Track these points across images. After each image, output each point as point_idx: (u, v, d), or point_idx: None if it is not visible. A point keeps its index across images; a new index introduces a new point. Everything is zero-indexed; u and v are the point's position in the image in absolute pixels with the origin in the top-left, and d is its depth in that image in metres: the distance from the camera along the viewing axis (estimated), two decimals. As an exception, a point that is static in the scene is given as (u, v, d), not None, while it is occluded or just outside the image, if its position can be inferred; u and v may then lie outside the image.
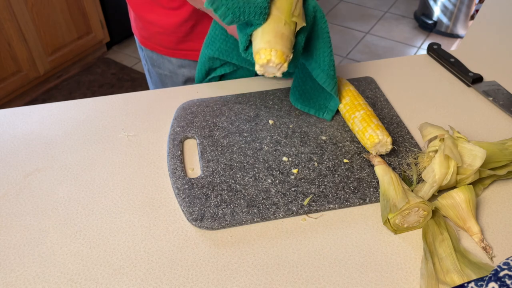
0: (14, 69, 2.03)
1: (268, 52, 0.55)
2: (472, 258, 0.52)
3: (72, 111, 0.74)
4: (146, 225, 0.56)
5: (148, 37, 0.89)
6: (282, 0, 0.59)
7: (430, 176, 0.56)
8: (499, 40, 0.93)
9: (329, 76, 0.66)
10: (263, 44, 0.56)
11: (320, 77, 0.66)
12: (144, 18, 0.86)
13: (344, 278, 0.51)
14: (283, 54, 0.56)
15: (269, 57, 0.55)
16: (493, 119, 0.73)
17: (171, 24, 0.83)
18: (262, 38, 0.56)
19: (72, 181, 0.62)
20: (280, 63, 0.56)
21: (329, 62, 0.65)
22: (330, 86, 0.66)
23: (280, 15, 0.57)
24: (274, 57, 0.55)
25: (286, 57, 0.56)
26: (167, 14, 0.82)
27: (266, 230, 0.56)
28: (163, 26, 0.84)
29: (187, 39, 0.85)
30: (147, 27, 0.87)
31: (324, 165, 0.63)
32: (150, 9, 0.84)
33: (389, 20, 2.86)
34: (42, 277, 0.51)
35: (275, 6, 0.58)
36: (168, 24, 0.83)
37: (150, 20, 0.85)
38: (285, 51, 0.56)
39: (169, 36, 0.85)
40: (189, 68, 0.90)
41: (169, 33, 0.85)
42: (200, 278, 0.51)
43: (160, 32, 0.85)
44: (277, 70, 0.57)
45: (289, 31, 0.58)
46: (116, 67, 2.42)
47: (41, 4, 2.02)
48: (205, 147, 0.65)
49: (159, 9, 0.82)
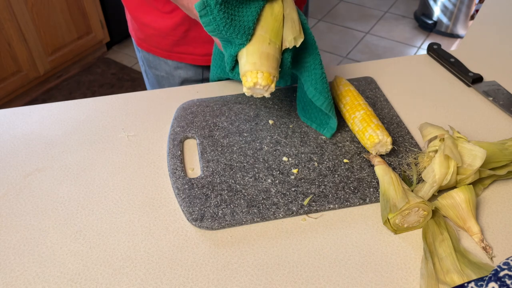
0: (14, 69, 2.03)
1: (255, 74, 0.55)
2: (472, 258, 0.52)
3: (72, 111, 0.74)
4: (146, 225, 0.56)
5: (144, 38, 0.89)
6: (267, 18, 0.58)
7: (430, 176, 0.56)
8: (499, 40, 0.93)
9: (317, 90, 0.63)
10: (249, 66, 0.56)
11: (310, 92, 0.64)
12: (140, 20, 0.86)
13: (344, 278, 0.51)
14: (270, 75, 0.56)
15: (255, 79, 0.55)
16: (493, 119, 0.73)
17: (165, 27, 0.83)
18: (248, 59, 0.56)
19: (72, 181, 0.62)
20: (267, 85, 0.56)
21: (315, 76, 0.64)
22: (319, 101, 0.64)
23: (264, 34, 0.57)
24: (260, 80, 0.55)
25: (273, 77, 0.56)
26: (162, 17, 0.82)
27: (266, 230, 0.56)
28: (158, 28, 0.84)
29: (182, 42, 0.85)
30: (143, 29, 0.87)
31: (324, 165, 0.63)
32: (146, 12, 0.84)
33: (389, 20, 2.86)
34: (42, 277, 0.51)
35: (259, 25, 0.58)
36: (162, 27, 0.83)
37: (146, 22, 0.85)
38: (271, 72, 0.56)
39: (164, 39, 0.85)
40: (185, 69, 0.91)
41: (164, 35, 0.85)
42: (200, 278, 0.51)
43: (155, 34, 0.86)
44: (265, 91, 0.57)
45: (274, 50, 0.57)
46: (116, 67, 2.42)
47: (41, 4, 2.02)
48: (205, 147, 0.65)
49: (154, 11, 0.82)
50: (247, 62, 0.56)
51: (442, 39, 2.66)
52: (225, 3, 0.55)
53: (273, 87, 0.57)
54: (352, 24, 2.82)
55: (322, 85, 0.63)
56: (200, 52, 0.87)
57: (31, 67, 2.09)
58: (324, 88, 0.64)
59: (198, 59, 0.88)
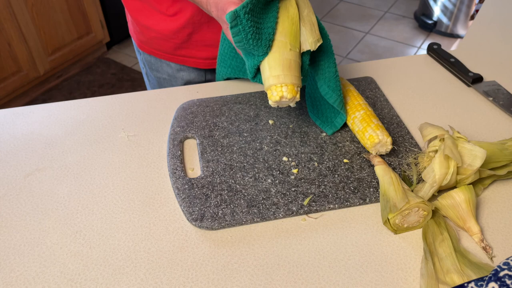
0: (14, 69, 2.03)
1: (280, 89, 0.56)
2: (472, 258, 0.52)
3: (72, 111, 0.74)
4: (146, 225, 0.56)
5: (145, 41, 0.88)
6: (284, 22, 0.58)
7: (430, 176, 0.56)
8: (499, 40, 0.93)
9: (331, 88, 0.65)
10: (272, 80, 0.56)
11: (323, 89, 0.65)
12: (141, 22, 0.85)
13: (344, 278, 0.51)
14: (294, 87, 0.56)
15: (281, 93, 0.56)
16: (493, 119, 0.73)
17: (168, 30, 0.83)
18: (271, 73, 0.56)
19: (72, 181, 0.62)
20: (292, 97, 0.56)
21: (329, 74, 0.65)
22: (332, 99, 0.65)
23: (284, 40, 0.57)
24: (286, 93, 0.56)
25: (297, 88, 0.57)
26: (165, 20, 0.82)
27: (266, 230, 0.56)
28: (161, 31, 0.84)
29: (184, 45, 0.85)
30: (145, 31, 0.86)
31: (324, 165, 0.63)
32: (148, 15, 0.83)
33: (389, 20, 2.86)
34: (42, 277, 0.51)
35: (278, 31, 0.57)
36: (165, 30, 0.83)
37: (148, 25, 0.84)
38: (295, 83, 0.56)
39: (166, 42, 0.85)
40: (188, 72, 0.90)
41: (167, 38, 0.84)
42: (200, 278, 0.51)
43: (157, 37, 0.85)
44: (291, 102, 0.58)
45: (295, 56, 0.57)
46: (116, 67, 2.42)
47: (41, 4, 2.02)
48: (205, 147, 0.65)
49: (157, 14, 0.82)
50: (270, 75, 0.56)
51: (442, 39, 2.66)
52: (252, 12, 0.54)
53: (298, 97, 0.57)
54: (352, 24, 2.82)
55: (335, 83, 0.65)
56: (203, 56, 0.86)
57: (31, 67, 2.09)
58: (337, 86, 0.65)
59: (200, 63, 0.88)
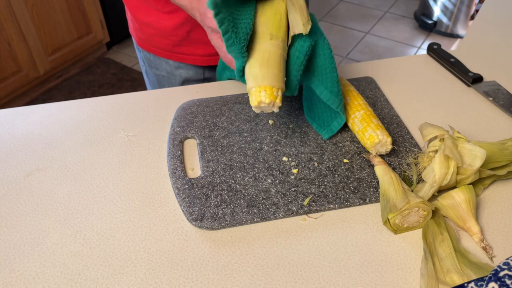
0: (14, 69, 2.03)
1: (258, 93, 0.54)
2: (472, 258, 0.52)
3: (72, 111, 0.74)
4: (146, 225, 0.56)
5: (145, 38, 0.89)
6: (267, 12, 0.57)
7: (430, 176, 0.56)
8: (499, 40, 0.93)
9: (333, 93, 0.63)
10: (250, 82, 0.54)
11: (324, 95, 0.63)
12: (140, 20, 0.86)
13: (344, 278, 0.51)
14: (273, 90, 0.54)
15: (258, 98, 0.54)
16: (493, 119, 0.73)
17: (166, 27, 0.83)
18: (250, 71, 0.55)
19: (72, 181, 0.62)
20: (271, 102, 0.54)
21: (332, 79, 0.63)
22: (335, 104, 0.63)
23: (265, 30, 0.56)
24: (264, 98, 0.54)
25: (277, 91, 0.54)
26: (163, 17, 0.82)
27: (266, 230, 0.56)
28: (159, 28, 0.84)
29: (183, 43, 0.85)
30: (144, 28, 0.87)
31: (324, 165, 0.63)
32: (146, 12, 0.84)
33: (389, 20, 2.86)
34: (42, 277, 0.51)
35: (259, 22, 0.57)
36: (163, 27, 0.83)
37: (147, 22, 0.85)
38: (274, 85, 0.54)
39: (165, 39, 0.85)
40: (186, 69, 0.90)
41: (165, 35, 0.85)
42: (200, 278, 0.51)
43: (156, 34, 0.85)
44: (272, 107, 0.55)
45: (276, 47, 0.56)
46: (116, 67, 2.42)
47: (41, 4, 2.02)
48: (205, 147, 0.65)
49: (155, 12, 0.82)
50: (249, 74, 0.55)
51: (442, 39, 2.66)
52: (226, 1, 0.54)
53: (278, 102, 0.55)
54: (352, 24, 2.82)
55: (337, 87, 0.63)
56: (201, 53, 0.87)
57: (31, 67, 2.09)
58: (339, 90, 0.64)
59: (198, 60, 0.88)
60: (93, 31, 2.33)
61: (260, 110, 0.57)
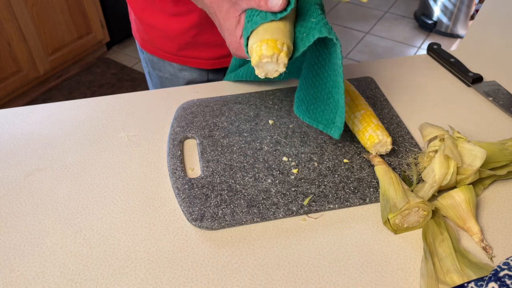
0: (14, 69, 2.03)
1: (258, 47, 0.46)
2: (472, 258, 0.52)
3: (72, 111, 0.74)
4: (146, 225, 0.56)
5: (148, 40, 0.88)
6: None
7: (430, 176, 0.56)
8: (499, 40, 0.93)
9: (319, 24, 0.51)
10: (253, 40, 0.48)
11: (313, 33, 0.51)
12: (145, 21, 0.85)
13: (344, 278, 0.51)
14: (276, 43, 0.46)
15: (259, 52, 0.46)
16: (493, 119, 0.73)
17: (174, 30, 0.82)
18: (253, 37, 0.49)
19: (72, 181, 0.62)
20: (274, 54, 0.46)
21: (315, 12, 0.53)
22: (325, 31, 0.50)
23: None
24: (265, 50, 0.46)
25: (281, 45, 0.47)
26: (171, 20, 0.81)
27: (266, 230, 0.56)
28: (165, 31, 0.83)
29: (189, 46, 0.84)
30: (148, 31, 0.86)
31: (324, 165, 0.63)
32: (152, 14, 0.83)
33: (389, 20, 2.86)
34: (42, 277, 0.51)
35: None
36: (169, 30, 0.83)
37: (152, 24, 0.84)
38: (279, 38, 0.47)
39: (170, 41, 0.85)
40: (190, 71, 0.90)
41: (170, 38, 0.84)
42: (200, 278, 0.51)
43: (162, 36, 0.85)
44: (276, 63, 0.47)
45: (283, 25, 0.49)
46: (116, 67, 2.42)
47: (41, 4, 2.02)
48: (205, 147, 0.65)
49: (162, 14, 0.82)
50: (252, 37, 0.48)
51: (442, 39, 2.66)
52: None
53: (283, 56, 0.47)
54: (352, 24, 2.82)
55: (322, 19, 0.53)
56: (205, 56, 0.86)
57: (31, 67, 2.09)
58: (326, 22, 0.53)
59: (203, 63, 0.88)
60: (93, 31, 2.33)
61: (263, 72, 0.49)
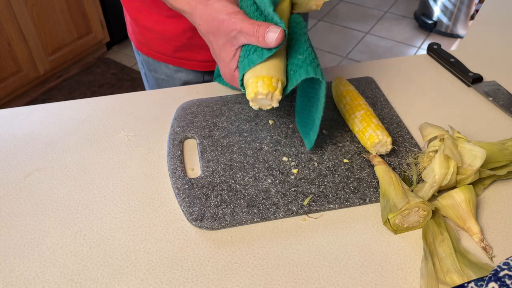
0: (14, 69, 2.03)
1: (254, 83, 0.49)
2: (472, 258, 0.52)
3: (72, 111, 0.74)
4: (146, 225, 0.56)
5: (144, 42, 0.88)
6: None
7: (430, 176, 0.56)
8: (499, 40, 0.93)
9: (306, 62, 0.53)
10: (248, 74, 0.50)
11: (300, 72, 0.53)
12: (140, 23, 0.85)
13: (344, 278, 0.51)
14: (272, 80, 0.49)
15: (255, 89, 0.49)
16: (493, 119, 0.73)
17: (168, 32, 0.82)
18: (249, 71, 0.51)
19: (72, 181, 0.62)
20: (269, 92, 0.49)
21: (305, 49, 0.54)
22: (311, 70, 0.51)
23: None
24: (260, 88, 0.48)
25: (276, 82, 0.49)
26: (166, 22, 0.81)
27: (266, 230, 0.56)
28: (160, 32, 0.83)
29: (184, 48, 0.84)
30: (144, 32, 0.86)
31: (324, 165, 0.63)
32: (148, 16, 0.82)
33: (389, 20, 2.86)
34: (42, 277, 0.51)
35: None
36: (166, 31, 0.82)
37: (148, 26, 0.84)
38: (274, 75, 0.49)
39: (166, 43, 0.84)
40: (186, 73, 0.90)
41: (166, 40, 0.84)
42: (200, 278, 0.51)
43: (157, 38, 0.84)
44: (270, 100, 0.50)
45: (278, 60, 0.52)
46: (116, 67, 2.42)
47: (41, 4, 2.02)
48: (205, 147, 0.65)
49: (157, 16, 0.81)
50: (248, 72, 0.52)
51: (442, 39, 2.66)
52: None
53: (277, 94, 0.50)
54: (352, 24, 2.82)
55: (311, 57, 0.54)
56: (200, 58, 0.86)
57: (31, 67, 2.09)
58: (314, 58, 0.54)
59: (198, 65, 0.88)
60: (93, 31, 2.33)
61: (258, 105, 0.52)
